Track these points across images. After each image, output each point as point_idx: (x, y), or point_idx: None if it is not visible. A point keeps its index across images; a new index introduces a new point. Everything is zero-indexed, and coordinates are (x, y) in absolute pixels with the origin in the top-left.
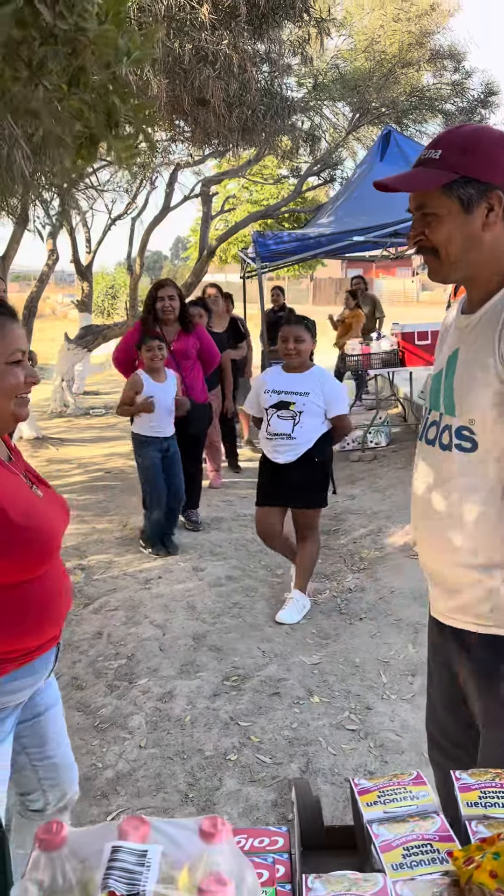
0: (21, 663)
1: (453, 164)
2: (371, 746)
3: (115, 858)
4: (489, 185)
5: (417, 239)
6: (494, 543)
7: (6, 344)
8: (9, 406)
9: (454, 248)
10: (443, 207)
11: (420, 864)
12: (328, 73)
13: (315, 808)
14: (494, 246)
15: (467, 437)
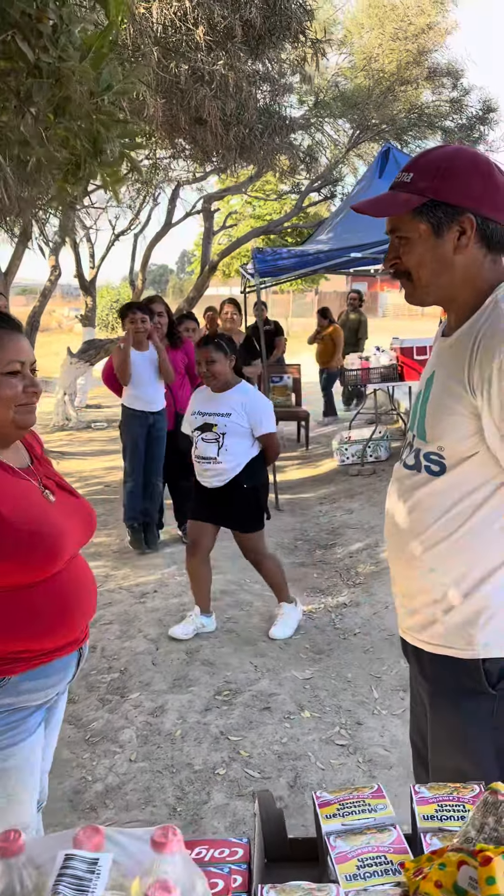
0: (36, 664)
1: (423, 188)
2: (360, 761)
3: (66, 866)
4: (460, 209)
5: (392, 262)
6: (451, 567)
7: (2, 354)
8: (8, 415)
9: (426, 271)
10: (414, 231)
11: (373, 875)
12: (328, 90)
13: (278, 819)
14: (467, 269)
15: (436, 461)
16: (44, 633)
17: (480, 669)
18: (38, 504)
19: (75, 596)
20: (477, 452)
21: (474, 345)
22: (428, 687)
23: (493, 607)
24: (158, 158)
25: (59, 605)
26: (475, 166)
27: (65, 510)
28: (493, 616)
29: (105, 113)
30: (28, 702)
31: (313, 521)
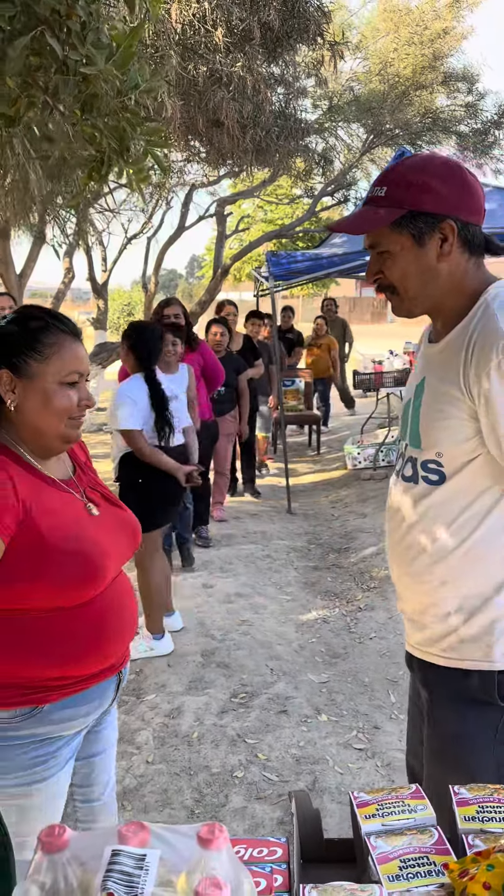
0: (70, 692)
1: (399, 200)
2: (378, 765)
3: (114, 862)
4: (439, 216)
5: (375, 278)
6: (464, 578)
7: (62, 364)
8: (59, 427)
9: (411, 283)
10: (395, 244)
11: (416, 875)
12: (343, 95)
13: (315, 820)
14: (452, 275)
15: (434, 469)
16: (81, 658)
17: (495, 681)
18: (80, 520)
19: (117, 618)
20: (477, 456)
21: (468, 347)
22: (430, 697)
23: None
24: (173, 161)
25: (99, 628)
26: (448, 172)
27: (109, 525)
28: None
29: (131, 111)
30: (60, 732)
31: (326, 526)
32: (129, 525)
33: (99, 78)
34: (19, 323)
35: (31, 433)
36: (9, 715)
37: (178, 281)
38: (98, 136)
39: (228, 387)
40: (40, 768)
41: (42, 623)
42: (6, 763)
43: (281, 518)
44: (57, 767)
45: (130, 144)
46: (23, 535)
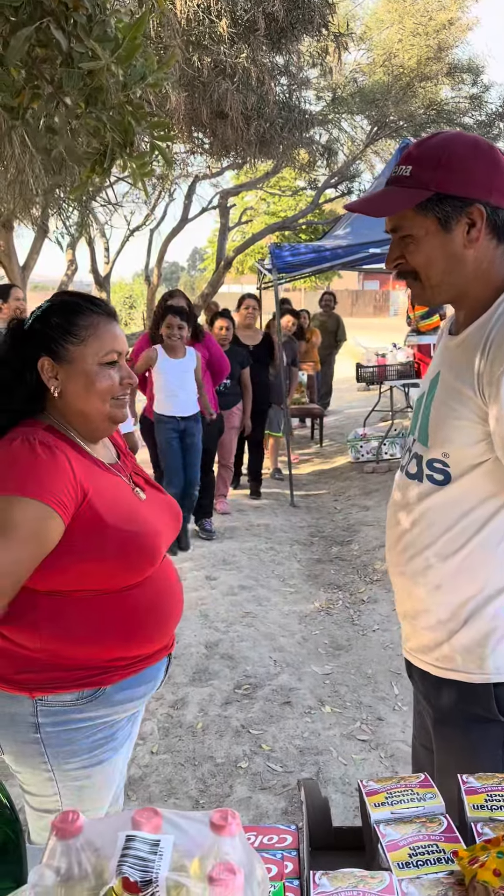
0: (129, 672)
1: (426, 181)
2: (382, 756)
3: (128, 847)
4: (467, 200)
5: (396, 263)
6: (459, 585)
7: (100, 344)
8: (104, 408)
9: (435, 270)
10: (419, 228)
11: (426, 863)
12: (347, 86)
13: (324, 808)
14: (479, 263)
15: (440, 469)
16: (138, 638)
17: (492, 695)
18: (131, 501)
19: (166, 598)
20: (485, 461)
21: (486, 344)
22: (433, 713)
23: (503, 628)
24: (176, 153)
25: (153, 608)
26: (478, 152)
27: (155, 508)
28: (503, 637)
29: (136, 105)
30: (120, 713)
31: (329, 518)
32: (172, 508)
33: (104, 71)
34: (54, 309)
35: (78, 417)
36: (73, 697)
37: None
38: (102, 130)
39: (233, 380)
40: (99, 751)
41: (100, 604)
42: (70, 747)
43: (284, 511)
44: (114, 751)
45: (135, 138)
46: (83, 516)
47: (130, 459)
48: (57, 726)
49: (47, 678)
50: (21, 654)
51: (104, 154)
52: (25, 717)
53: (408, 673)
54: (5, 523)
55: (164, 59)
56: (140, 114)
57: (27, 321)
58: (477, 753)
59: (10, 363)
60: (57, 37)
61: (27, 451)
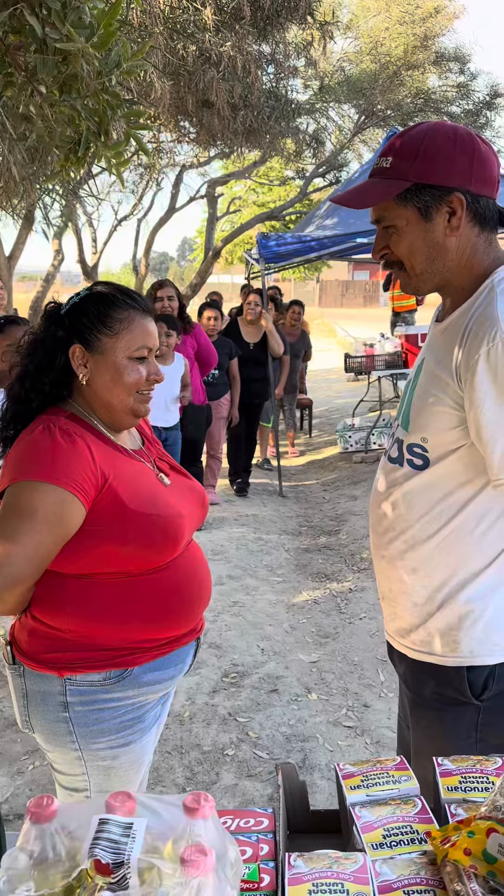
0: (157, 654)
1: (405, 172)
2: (367, 743)
3: (101, 830)
4: (446, 189)
5: (382, 253)
6: (435, 568)
7: (131, 338)
8: (128, 401)
9: (419, 259)
10: (401, 218)
11: (399, 843)
12: (334, 75)
13: (301, 792)
14: (462, 251)
15: (419, 454)
16: (165, 620)
17: (464, 678)
18: (154, 486)
19: (195, 581)
20: (461, 447)
21: (465, 331)
22: (410, 695)
23: (477, 612)
24: (163, 142)
25: (179, 591)
26: (457, 140)
27: (180, 492)
28: (476, 621)
29: (111, 94)
30: (148, 695)
31: (317, 508)
32: (197, 492)
33: (79, 58)
34: (91, 299)
35: (102, 407)
36: (101, 677)
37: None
38: (77, 118)
39: (222, 370)
40: (127, 732)
41: (125, 586)
42: (98, 727)
43: (272, 501)
44: (142, 733)
45: (110, 127)
46: (104, 501)
47: (156, 446)
48: (85, 706)
49: (75, 658)
50: (50, 634)
51: (79, 142)
52: (55, 695)
53: (389, 655)
54: (27, 508)
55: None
56: (115, 102)
57: (64, 306)
58: (451, 735)
59: (45, 345)
60: (31, 23)
61: (48, 439)
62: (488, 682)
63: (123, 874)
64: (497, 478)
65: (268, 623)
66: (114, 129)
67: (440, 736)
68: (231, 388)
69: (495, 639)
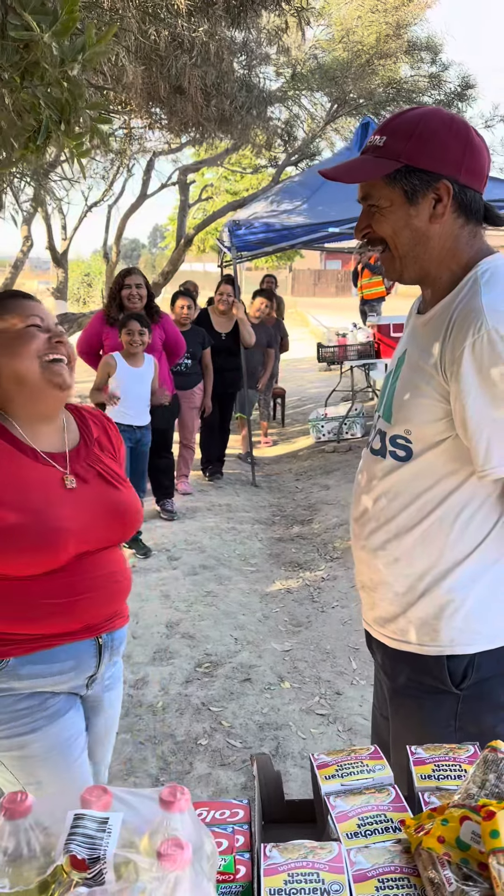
0: (31, 649)
1: (396, 152)
2: (340, 730)
3: (76, 825)
4: (435, 175)
5: (364, 231)
6: (416, 559)
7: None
8: (36, 369)
9: (401, 241)
10: (385, 199)
11: (374, 832)
12: (306, 62)
13: (276, 782)
14: (444, 241)
15: (402, 445)
16: (37, 619)
17: (444, 667)
18: (49, 494)
19: (89, 588)
20: (446, 439)
21: (449, 323)
22: (389, 684)
23: (457, 601)
24: (133, 128)
25: (63, 596)
26: (453, 128)
27: (87, 502)
28: (457, 611)
29: (73, 83)
30: (39, 687)
31: (290, 497)
32: (119, 506)
33: (40, 45)
34: None
35: (18, 389)
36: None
37: (141, 251)
38: (37, 106)
39: (195, 360)
40: (27, 720)
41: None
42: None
43: (245, 490)
44: (45, 720)
45: (71, 117)
46: None
47: (93, 451)
48: None
49: None
50: None
51: (38, 131)
52: None
53: (367, 644)
54: None
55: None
56: (78, 92)
57: None
58: (430, 724)
59: None
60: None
61: None
62: (468, 671)
63: (99, 869)
64: (482, 469)
65: (241, 612)
66: (75, 119)
67: (419, 724)
68: (204, 378)
69: (476, 627)
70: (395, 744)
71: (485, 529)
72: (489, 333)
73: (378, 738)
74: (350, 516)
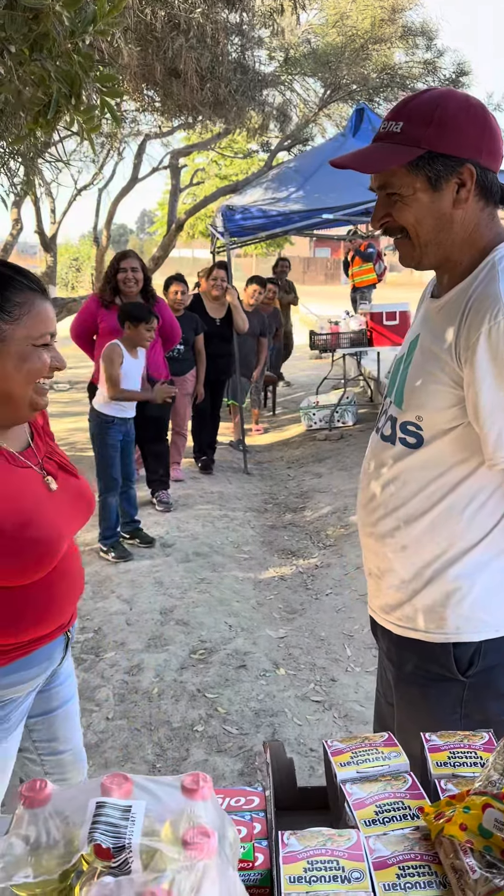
0: (13, 657)
1: (416, 138)
2: (335, 717)
3: (99, 813)
4: (459, 159)
5: (383, 221)
6: (424, 546)
7: (34, 325)
8: (28, 392)
9: (424, 229)
10: (408, 187)
11: (392, 819)
12: (300, 47)
13: (289, 769)
14: (466, 224)
15: (413, 432)
16: (24, 628)
17: (451, 654)
18: (38, 500)
19: (63, 586)
20: (457, 426)
21: (465, 309)
22: (395, 671)
23: (464, 589)
24: (125, 111)
25: (45, 599)
26: (470, 110)
27: (67, 499)
28: (463, 598)
29: (84, 55)
30: (9, 695)
31: (282, 485)
32: (84, 495)
33: (49, 15)
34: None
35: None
36: None
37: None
38: (47, 79)
39: (187, 346)
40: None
41: None
42: None
43: (238, 478)
44: (7, 731)
45: (81, 90)
46: None
47: (46, 441)
48: None
49: None
50: None
51: (48, 105)
52: None
53: (372, 631)
54: None
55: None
56: (88, 64)
57: None
58: (435, 711)
59: None
60: None
61: None
62: (474, 658)
63: (125, 858)
64: (492, 458)
65: (235, 599)
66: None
67: (424, 712)
68: (197, 364)
69: (482, 615)
70: (400, 731)
71: (494, 519)
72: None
73: (382, 725)
74: (357, 503)
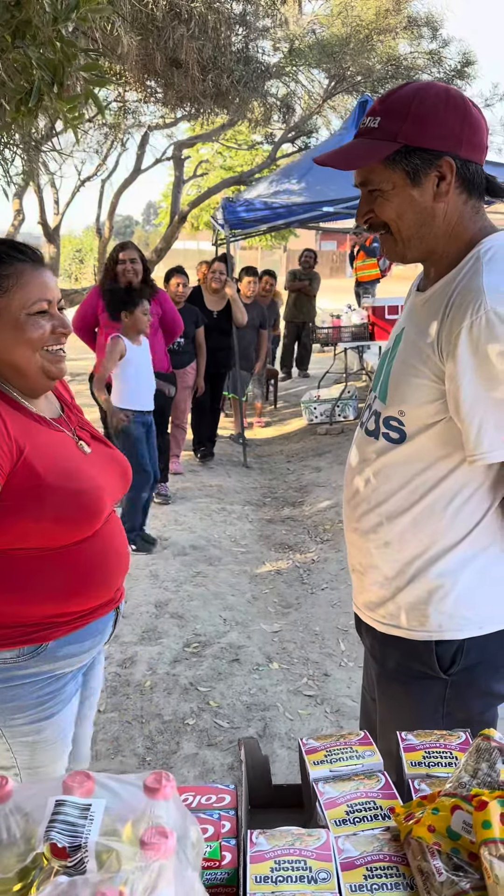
0: (72, 628)
1: (394, 133)
2: (327, 711)
3: (57, 812)
4: (437, 152)
5: (366, 217)
6: (407, 543)
7: (25, 293)
8: (35, 360)
9: (406, 223)
10: (387, 182)
11: (363, 819)
12: (304, 37)
13: (263, 767)
14: (449, 218)
15: (395, 427)
16: (80, 594)
17: (433, 652)
18: (74, 457)
19: (112, 553)
20: (439, 421)
21: (448, 303)
22: (378, 668)
23: (447, 586)
24: (128, 101)
25: (96, 565)
26: (450, 102)
27: (101, 463)
28: (446, 596)
29: (67, 43)
30: (66, 668)
31: (281, 479)
32: (119, 463)
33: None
34: None
35: (12, 372)
36: (13, 655)
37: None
38: (29, 67)
39: (188, 339)
40: (48, 705)
41: (40, 561)
42: (16, 703)
43: (237, 471)
44: (63, 703)
45: (64, 79)
46: (19, 475)
47: (75, 412)
48: (0, 683)
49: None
50: None
51: (30, 93)
52: None
53: (356, 627)
54: None
55: None
56: (72, 52)
57: None
58: (418, 709)
59: None
60: None
61: None
62: (456, 656)
63: (80, 858)
64: (472, 453)
65: (230, 593)
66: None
67: (407, 709)
68: (197, 357)
69: (465, 613)
70: (382, 728)
71: (476, 516)
72: (488, 314)
73: (367, 721)
74: (343, 498)
